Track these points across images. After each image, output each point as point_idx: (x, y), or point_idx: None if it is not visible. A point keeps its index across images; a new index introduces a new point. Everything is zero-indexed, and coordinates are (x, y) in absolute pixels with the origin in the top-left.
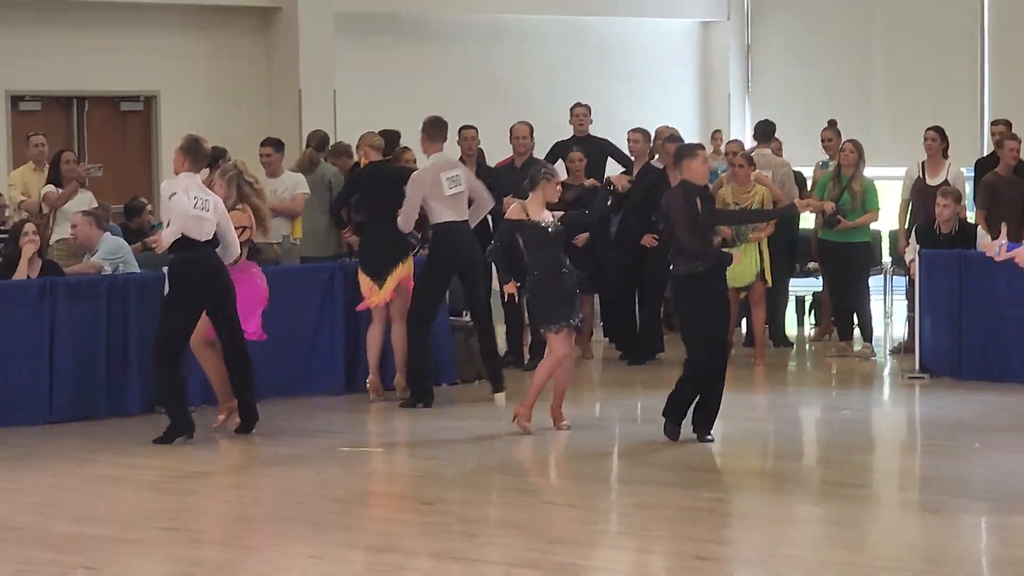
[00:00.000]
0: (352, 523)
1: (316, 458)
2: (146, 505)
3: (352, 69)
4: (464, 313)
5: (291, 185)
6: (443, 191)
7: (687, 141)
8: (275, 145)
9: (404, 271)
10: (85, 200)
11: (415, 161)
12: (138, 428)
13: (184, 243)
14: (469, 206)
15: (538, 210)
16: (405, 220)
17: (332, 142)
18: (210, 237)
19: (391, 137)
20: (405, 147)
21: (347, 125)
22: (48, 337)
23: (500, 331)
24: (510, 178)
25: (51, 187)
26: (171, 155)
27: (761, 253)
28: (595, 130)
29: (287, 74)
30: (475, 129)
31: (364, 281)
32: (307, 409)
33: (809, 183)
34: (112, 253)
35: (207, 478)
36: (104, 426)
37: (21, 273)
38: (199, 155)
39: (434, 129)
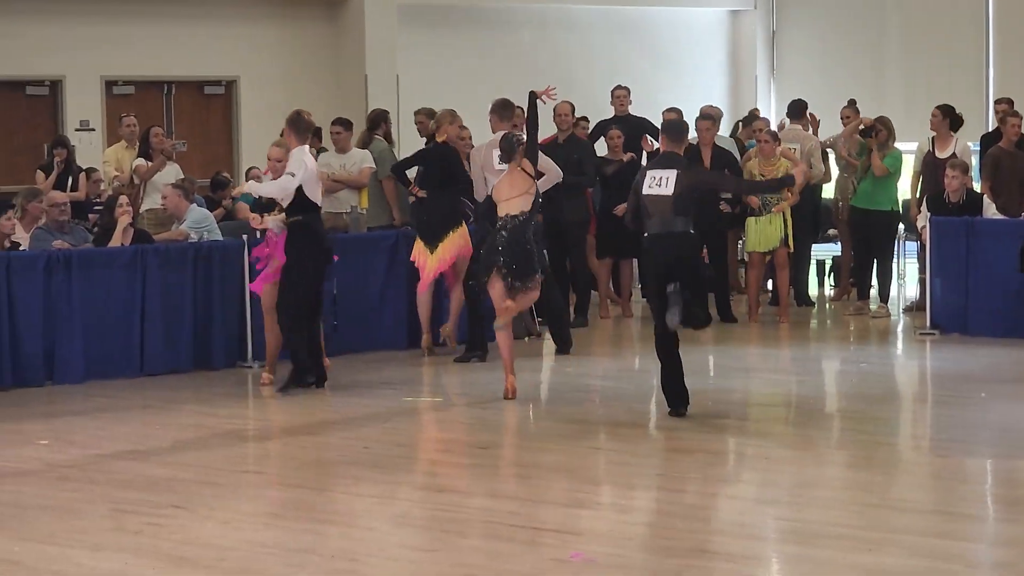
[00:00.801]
0: (414, 466)
1: (382, 408)
2: (229, 451)
3: (413, 55)
4: None
5: (359, 160)
6: (493, 165)
7: (718, 120)
8: (344, 124)
9: (459, 239)
10: (172, 173)
11: (470, 139)
12: (220, 382)
13: (306, 204)
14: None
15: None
16: (476, 191)
17: (393, 123)
18: (320, 204)
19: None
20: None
21: (409, 106)
22: (140, 299)
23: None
24: (553, 153)
25: (141, 160)
26: (250, 134)
27: (785, 221)
28: (634, 110)
29: (354, 60)
30: (522, 108)
31: (418, 246)
32: (373, 364)
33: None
34: (198, 223)
35: (284, 427)
36: (189, 379)
37: (116, 241)
38: (301, 127)
39: (503, 110)
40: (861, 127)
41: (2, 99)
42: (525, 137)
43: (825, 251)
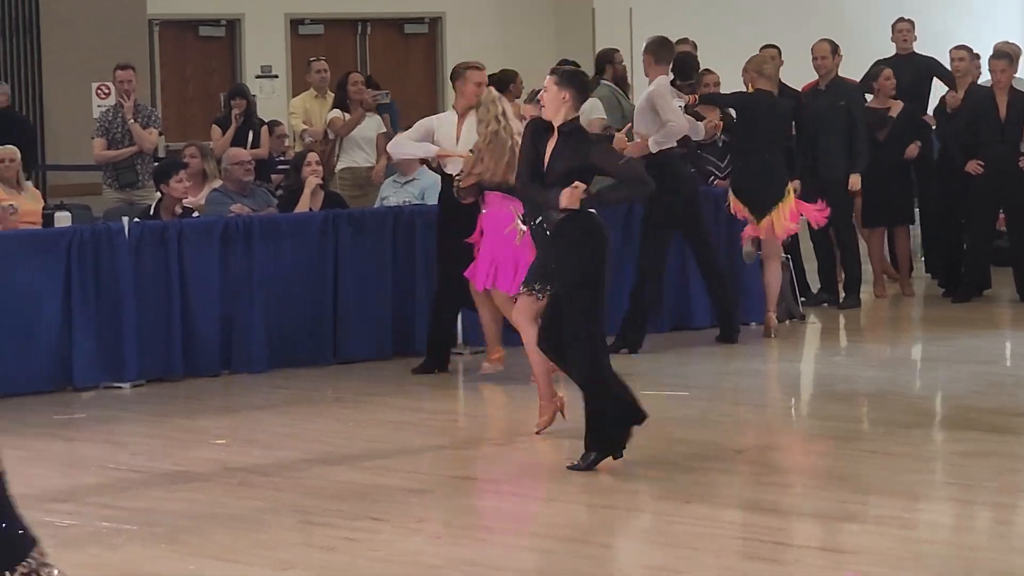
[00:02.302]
0: (655, 473)
1: None
2: (437, 454)
3: None
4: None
5: (587, 110)
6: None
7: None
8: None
9: (786, 207)
10: (373, 125)
11: (717, 85)
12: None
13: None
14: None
15: None
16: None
17: (626, 62)
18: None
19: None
20: (707, 69)
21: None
22: (332, 273)
23: (812, 268)
24: (815, 101)
25: (337, 112)
26: None
27: None
28: (919, 48)
29: None
30: (777, 48)
31: (737, 206)
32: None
33: None
34: (429, 188)
35: (501, 425)
36: (391, 367)
37: (303, 205)
38: (662, 53)
39: (662, 50)
40: None
41: (172, 42)
42: None
43: None
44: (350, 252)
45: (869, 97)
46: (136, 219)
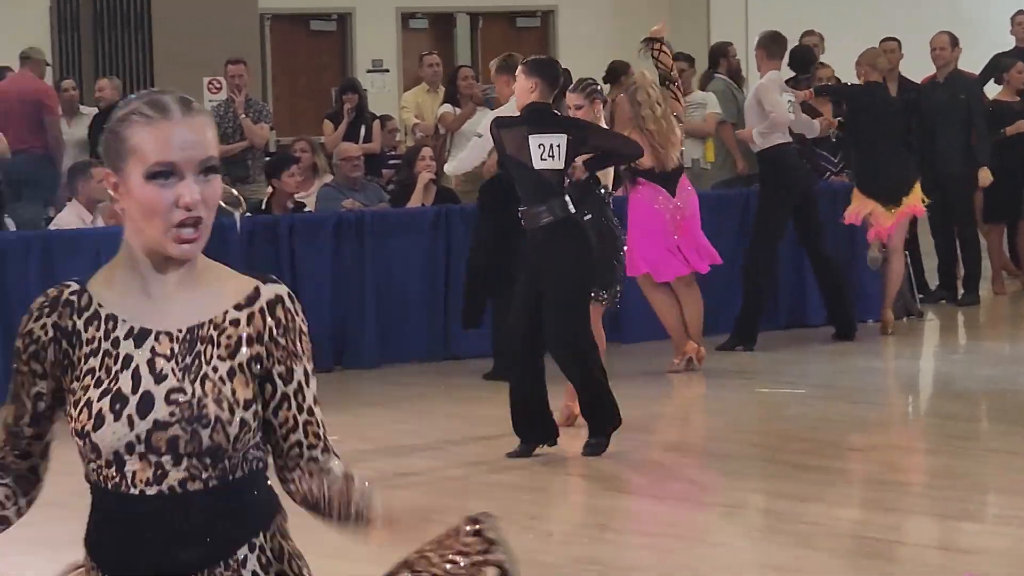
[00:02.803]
0: (771, 470)
1: (731, 400)
2: (551, 451)
3: None
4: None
5: (700, 104)
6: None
7: None
8: (688, 60)
9: (913, 199)
10: (484, 120)
11: (831, 78)
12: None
13: None
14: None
15: None
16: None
17: (740, 56)
18: None
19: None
20: (821, 63)
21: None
22: (443, 270)
23: (931, 265)
24: (932, 94)
25: (447, 107)
26: (569, 70)
27: None
28: None
29: None
30: (897, 41)
31: (861, 202)
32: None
33: None
34: None
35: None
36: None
37: (415, 200)
38: (774, 48)
39: (774, 45)
40: None
41: (283, 36)
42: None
43: None
44: (463, 247)
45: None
46: (248, 213)
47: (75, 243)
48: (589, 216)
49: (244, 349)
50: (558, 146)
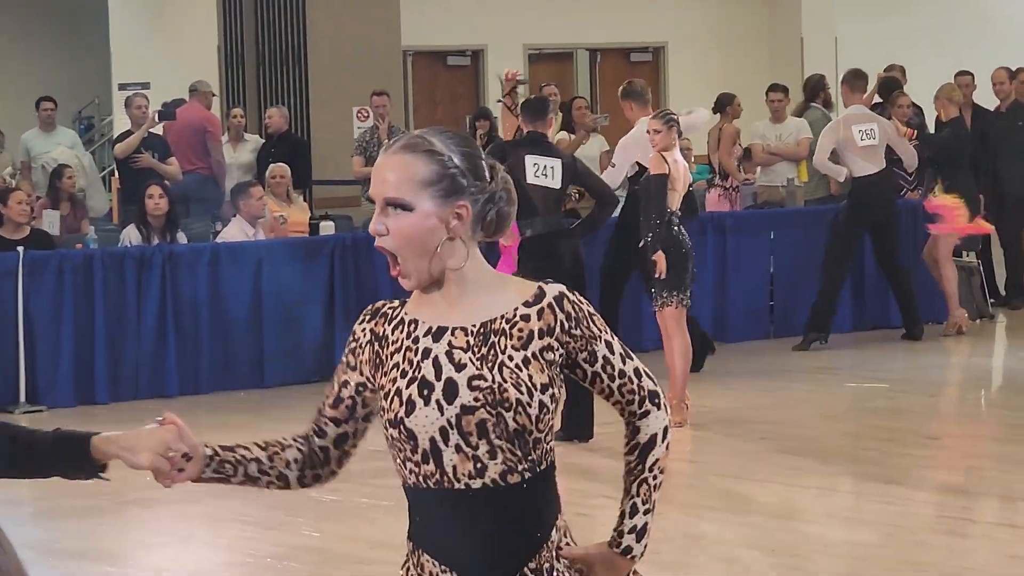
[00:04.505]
0: (858, 456)
1: (820, 394)
2: None
3: (853, 13)
4: (966, 253)
5: (795, 130)
6: (855, 142)
7: None
8: (784, 91)
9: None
10: (596, 145)
11: (909, 106)
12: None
13: None
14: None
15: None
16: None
17: (831, 87)
18: None
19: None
20: (901, 92)
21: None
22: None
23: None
24: (995, 124)
25: (563, 134)
26: (679, 103)
27: None
28: None
29: (789, 22)
30: (971, 75)
31: (946, 202)
32: (812, 346)
33: None
34: None
35: (717, 412)
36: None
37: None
38: (856, 83)
39: (857, 80)
40: None
41: (424, 70)
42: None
43: None
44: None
45: None
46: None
47: (239, 253)
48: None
49: (536, 340)
50: (552, 168)
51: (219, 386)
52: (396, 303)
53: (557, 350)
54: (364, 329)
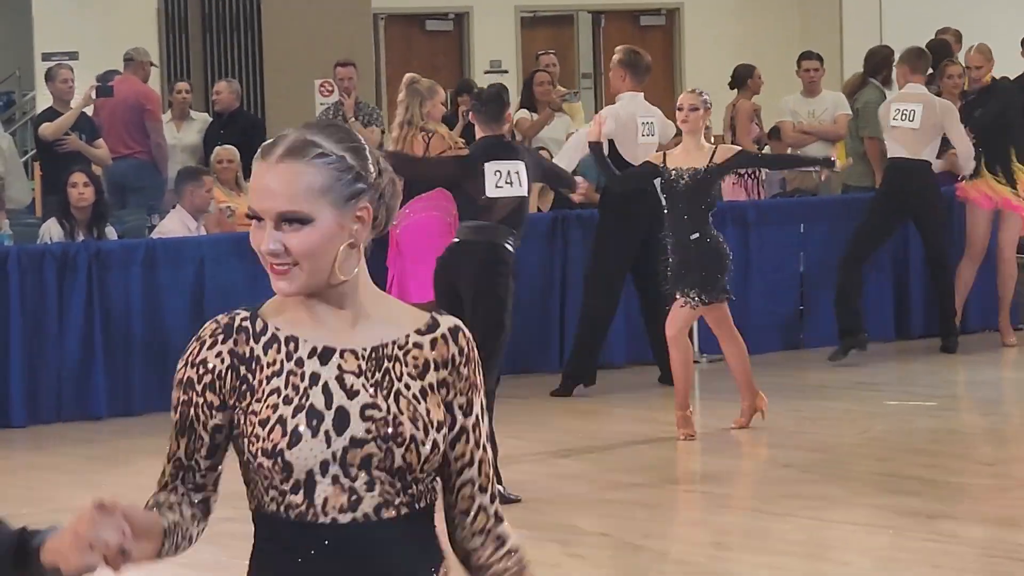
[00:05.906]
0: (898, 485)
1: (858, 413)
2: (667, 463)
3: None
4: None
5: (831, 105)
6: (888, 121)
7: None
8: (819, 60)
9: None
10: (561, 127)
11: (960, 76)
12: (651, 377)
13: None
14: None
15: (681, 156)
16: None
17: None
18: None
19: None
20: (949, 60)
21: (895, 36)
22: (559, 277)
23: None
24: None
25: (524, 113)
26: (696, 73)
27: None
28: None
29: None
30: None
31: (982, 187)
32: (850, 357)
33: None
34: None
35: (728, 436)
36: (621, 376)
37: (532, 206)
38: (918, 64)
39: (919, 61)
40: None
41: (398, 36)
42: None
43: None
44: (579, 255)
45: None
46: None
47: (178, 251)
48: (696, 236)
49: (432, 372)
50: (517, 173)
51: (155, 406)
52: (245, 313)
53: (452, 386)
54: (220, 354)
